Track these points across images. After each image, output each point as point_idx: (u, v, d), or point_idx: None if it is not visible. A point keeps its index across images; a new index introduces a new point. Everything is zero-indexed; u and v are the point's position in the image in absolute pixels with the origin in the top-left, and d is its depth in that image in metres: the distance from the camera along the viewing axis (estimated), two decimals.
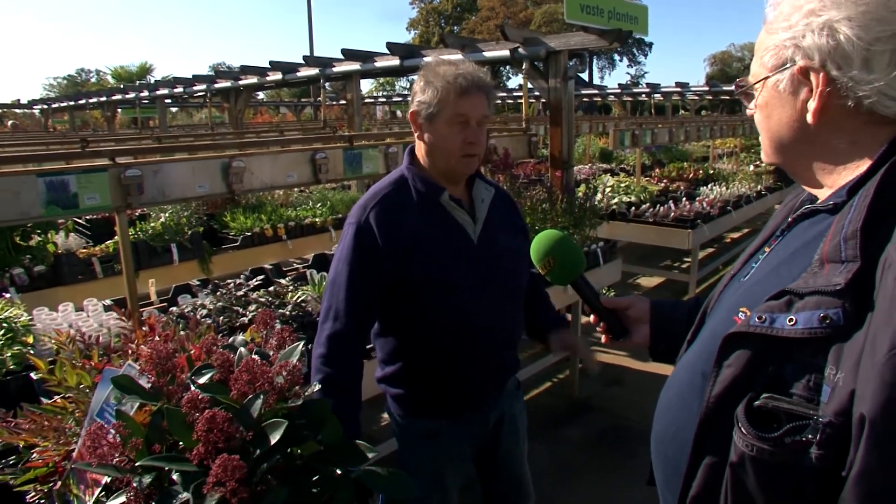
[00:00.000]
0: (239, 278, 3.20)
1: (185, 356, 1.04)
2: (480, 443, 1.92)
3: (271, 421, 0.89)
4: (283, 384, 0.96)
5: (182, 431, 0.88)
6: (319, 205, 5.67)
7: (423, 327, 1.72)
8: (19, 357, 2.36)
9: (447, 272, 1.69)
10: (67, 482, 0.99)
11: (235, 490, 0.79)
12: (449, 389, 1.78)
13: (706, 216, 5.75)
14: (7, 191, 2.22)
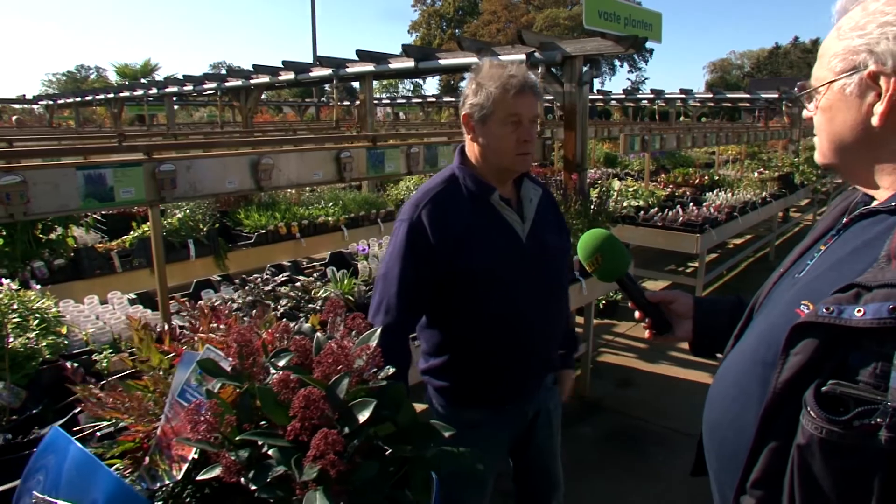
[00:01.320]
0: (265, 273, 3.24)
1: (261, 341, 1.09)
2: (517, 435, 1.97)
3: (360, 400, 0.93)
4: (363, 367, 1.00)
5: (274, 410, 0.92)
6: (331, 204, 5.71)
7: (472, 320, 1.77)
8: (54, 347, 2.39)
9: (496, 267, 1.73)
10: (154, 457, 1.03)
11: (334, 462, 0.83)
12: (492, 382, 1.83)
13: (714, 221, 5.81)
14: (48, 183, 2.26)
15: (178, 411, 1.06)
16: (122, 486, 0.86)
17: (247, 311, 2.55)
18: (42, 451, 0.97)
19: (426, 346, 1.88)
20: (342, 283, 3.28)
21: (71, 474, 0.89)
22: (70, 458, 0.91)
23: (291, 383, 0.92)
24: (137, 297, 3.21)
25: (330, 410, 0.91)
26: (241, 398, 0.98)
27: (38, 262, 3.92)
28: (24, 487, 0.96)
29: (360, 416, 0.92)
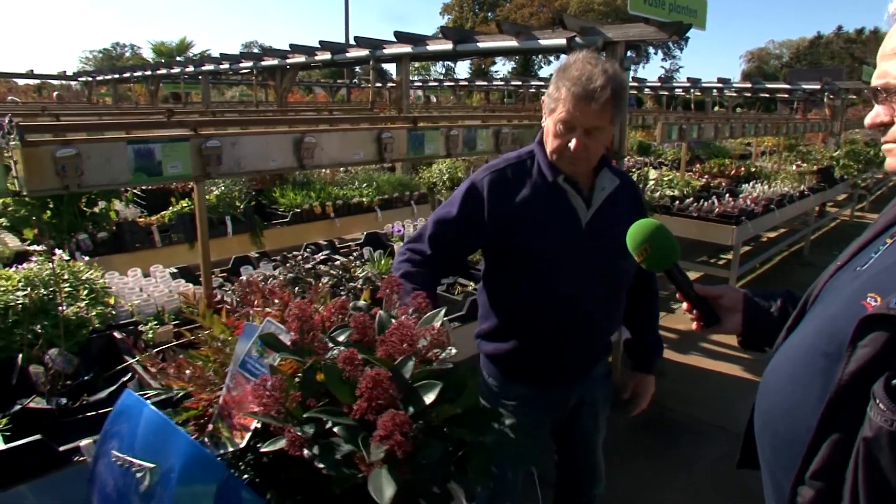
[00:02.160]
0: (305, 251, 3.27)
1: (320, 317, 1.09)
2: (558, 420, 1.98)
3: (426, 382, 0.93)
4: (427, 347, 1.00)
5: (339, 386, 0.93)
6: (365, 185, 5.72)
7: (520, 294, 1.80)
8: (103, 317, 2.44)
9: (549, 248, 1.74)
10: (217, 425, 1.05)
11: (401, 443, 0.83)
12: (533, 359, 1.85)
13: (750, 213, 5.71)
14: (100, 157, 2.29)
15: (239, 382, 1.08)
16: (198, 448, 0.87)
17: (290, 288, 2.57)
18: (117, 414, 1.00)
19: (481, 310, 1.94)
20: (379, 263, 3.29)
21: (147, 437, 0.91)
22: (144, 422, 0.93)
23: (356, 361, 0.93)
24: (178, 270, 3.26)
25: (395, 391, 0.91)
26: (304, 374, 0.99)
27: (82, 234, 3.99)
28: (103, 449, 0.98)
29: (425, 397, 0.92)
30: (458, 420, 1.00)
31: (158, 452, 0.88)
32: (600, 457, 2.15)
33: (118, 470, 0.92)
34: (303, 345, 1.04)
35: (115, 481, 0.94)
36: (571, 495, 2.29)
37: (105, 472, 0.96)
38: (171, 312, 2.72)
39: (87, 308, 2.41)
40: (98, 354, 2.35)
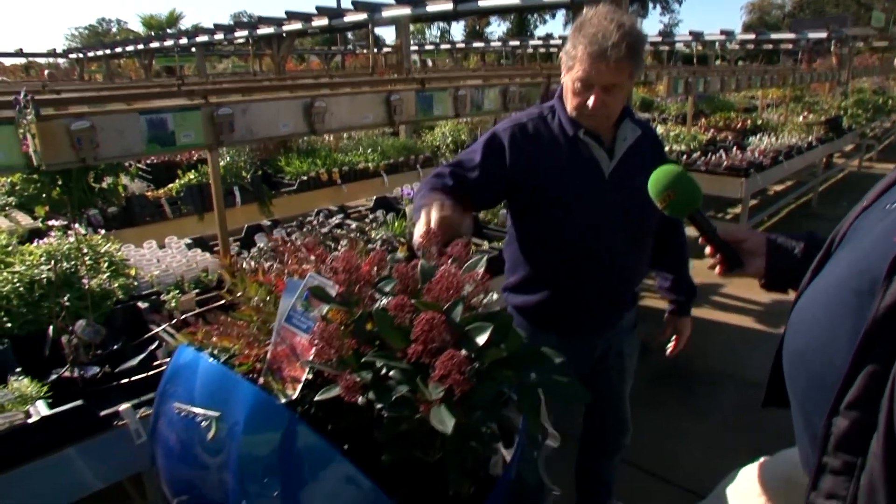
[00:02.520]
0: (319, 216, 3.29)
1: (366, 267, 1.12)
2: (584, 370, 2.02)
3: (477, 324, 0.96)
4: (472, 293, 1.03)
5: (391, 333, 0.96)
6: (370, 150, 5.71)
7: (545, 245, 1.84)
8: (125, 288, 2.48)
9: (573, 199, 1.77)
10: (267, 378, 1.08)
11: (459, 382, 0.87)
12: (560, 309, 1.88)
13: (758, 165, 5.70)
14: (114, 129, 2.30)
15: (286, 336, 1.11)
16: (262, 395, 0.90)
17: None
18: (173, 372, 1.03)
19: (507, 264, 1.97)
20: (393, 225, 3.31)
21: (207, 390, 0.94)
22: (202, 375, 0.96)
23: (407, 307, 0.95)
24: (193, 241, 3.28)
25: (447, 334, 0.94)
26: (355, 322, 1.01)
27: (92, 210, 4.01)
28: (162, 409, 1.01)
29: (478, 339, 0.95)
30: (504, 363, 1.03)
31: (221, 404, 0.91)
32: (628, 407, 2.20)
33: (181, 424, 0.95)
34: (350, 296, 1.06)
35: (177, 435, 0.97)
36: (599, 446, 2.36)
37: (167, 430, 0.99)
38: (190, 281, 2.75)
39: (109, 280, 2.45)
40: (123, 325, 2.39)
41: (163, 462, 1.00)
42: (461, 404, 0.92)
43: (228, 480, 0.87)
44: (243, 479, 0.87)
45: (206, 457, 0.91)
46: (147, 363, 2.12)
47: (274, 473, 0.88)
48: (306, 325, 1.08)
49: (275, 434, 0.88)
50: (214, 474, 0.90)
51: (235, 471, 0.86)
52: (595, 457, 2.45)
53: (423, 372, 0.93)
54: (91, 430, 1.75)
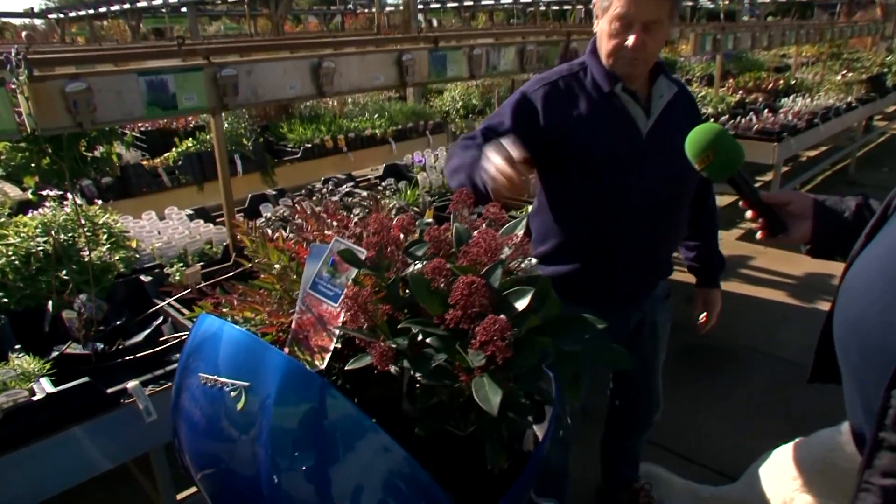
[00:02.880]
0: (329, 184, 3.28)
1: (397, 230, 1.11)
2: (619, 342, 2.01)
3: (516, 289, 0.96)
4: (510, 256, 1.03)
5: (427, 298, 0.96)
6: (377, 116, 5.68)
7: (579, 210, 1.83)
8: (127, 261, 2.48)
9: (610, 159, 1.75)
10: (293, 348, 1.08)
11: (502, 348, 0.86)
12: (594, 277, 1.88)
13: (792, 128, 5.63)
14: (112, 91, 2.28)
15: (311, 303, 1.11)
16: (294, 363, 0.91)
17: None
18: (195, 344, 1.02)
19: (535, 234, 1.96)
20: (406, 193, 3.30)
21: (233, 360, 0.94)
22: (228, 344, 0.96)
23: (444, 271, 0.95)
24: (194, 212, 3.29)
25: (486, 299, 0.93)
26: (388, 288, 1.01)
27: (85, 180, 4.01)
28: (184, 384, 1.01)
29: (517, 304, 0.95)
30: (542, 329, 1.03)
31: (250, 374, 0.91)
32: (660, 381, 2.22)
33: (206, 397, 0.96)
34: (380, 260, 1.06)
35: (202, 410, 0.97)
36: (628, 422, 2.37)
37: (190, 404, 0.99)
38: (194, 254, 2.76)
39: (109, 253, 2.45)
40: (126, 299, 2.40)
41: (186, 437, 1.01)
42: (504, 371, 0.92)
43: (259, 454, 0.87)
44: (274, 452, 0.87)
45: (233, 430, 0.91)
46: (153, 339, 2.13)
47: (306, 446, 0.88)
48: (332, 292, 1.08)
49: (308, 405, 0.89)
50: (243, 448, 0.90)
51: (267, 444, 0.87)
52: (623, 434, 2.47)
53: (461, 339, 0.93)
54: (98, 408, 1.77)
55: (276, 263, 1.22)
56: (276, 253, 1.21)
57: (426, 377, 0.91)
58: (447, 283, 0.96)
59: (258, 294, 1.17)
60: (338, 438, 0.87)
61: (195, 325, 1.05)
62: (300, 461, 0.87)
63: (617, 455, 2.56)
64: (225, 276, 2.49)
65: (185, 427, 1.00)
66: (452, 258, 1.08)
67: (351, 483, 0.89)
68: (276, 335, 1.14)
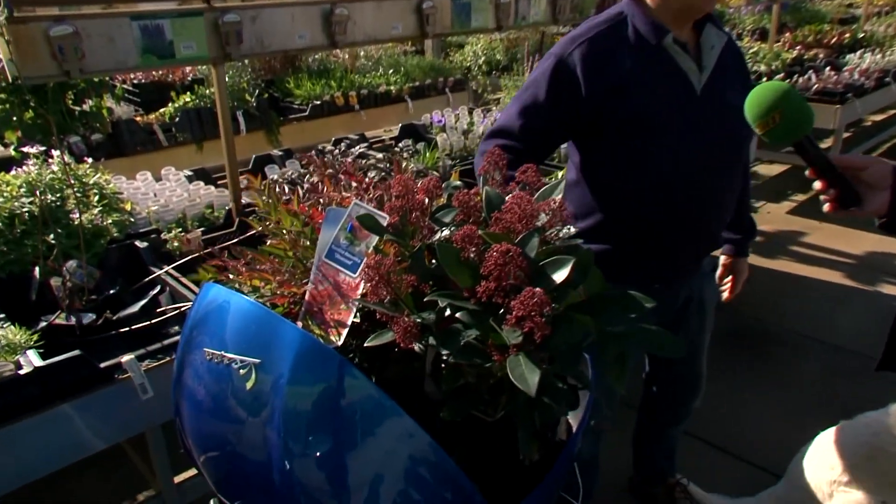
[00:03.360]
0: (341, 145, 3.27)
1: (422, 194, 1.09)
2: (663, 324, 1.99)
3: (555, 259, 0.94)
4: (548, 223, 1.00)
5: (457, 269, 0.94)
6: (392, 71, 5.64)
7: (626, 179, 1.79)
8: (120, 225, 2.49)
9: (662, 120, 1.72)
10: (306, 322, 1.07)
11: (540, 325, 0.85)
12: (643, 254, 1.86)
13: (858, 89, 5.51)
14: (102, 36, 2.27)
15: (327, 273, 1.09)
16: (310, 338, 0.90)
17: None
18: (200, 316, 1.02)
19: (572, 208, 1.92)
20: (424, 155, 3.28)
21: (242, 334, 0.93)
22: (236, 317, 0.95)
23: (476, 239, 0.93)
24: (193, 173, 3.29)
25: (521, 270, 0.91)
26: (413, 257, 1.00)
27: (73, 136, 4.00)
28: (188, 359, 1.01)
29: (555, 276, 0.93)
30: (582, 307, 1.01)
31: (260, 350, 0.90)
32: (704, 362, 2.23)
33: (212, 373, 0.95)
34: (404, 226, 1.04)
35: (206, 388, 0.96)
36: (666, 406, 2.37)
37: (194, 381, 0.99)
38: (193, 218, 2.76)
39: (101, 216, 2.46)
40: (119, 266, 2.42)
41: (189, 417, 1.00)
42: (542, 350, 0.90)
43: (271, 437, 0.87)
44: (287, 435, 0.86)
45: (242, 411, 0.91)
46: (149, 310, 2.14)
47: (322, 429, 0.87)
48: (351, 261, 1.07)
49: (324, 384, 0.87)
50: (253, 430, 0.89)
51: (279, 427, 0.86)
52: (660, 420, 2.47)
53: (494, 314, 0.91)
54: (90, 383, 1.78)
55: (289, 228, 1.20)
56: (288, 216, 1.20)
57: (455, 356, 0.90)
58: (478, 252, 0.94)
59: (268, 261, 1.16)
60: (357, 422, 0.86)
61: (199, 294, 1.04)
62: (315, 446, 0.86)
63: (651, 442, 2.56)
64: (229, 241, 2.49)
65: (187, 406, 1.00)
66: (483, 226, 1.06)
67: (370, 471, 0.88)
68: (288, 307, 1.13)
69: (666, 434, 2.51)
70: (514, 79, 5.29)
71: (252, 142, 4.62)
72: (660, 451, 2.56)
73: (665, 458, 2.56)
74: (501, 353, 0.89)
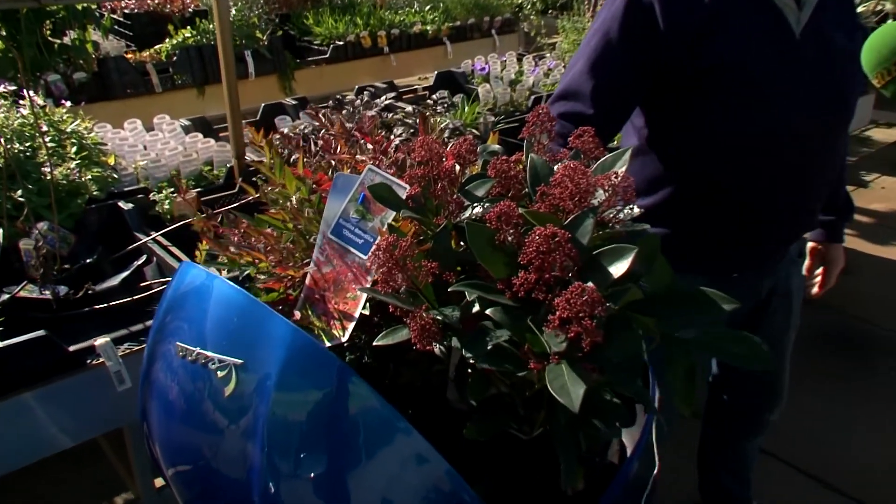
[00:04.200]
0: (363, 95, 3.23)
1: (450, 161, 1.05)
2: (742, 318, 1.98)
3: (613, 247, 0.89)
4: (606, 202, 0.95)
5: (490, 255, 0.89)
6: (429, 8, 5.58)
7: (707, 143, 1.74)
8: (101, 182, 2.48)
9: (754, 68, 1.65)
10: (305, 313, 1.04)
11: (590, 330, 0.80)
12: (721, 236, 1.82)
13: None
14: None
15: (332, 254, 1.06)
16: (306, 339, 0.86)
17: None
18: (176, 298, 1.00)
19: (638, 183, 1.85)
20: (462, 110, 3.23)
21: (224, 326, 0.91)
22: (218, 305, 0.93)
23: (514, 218, 0.89)
24: (191, 123, 3.28)
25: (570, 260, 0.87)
26: (436, 238, 0.95)
27: (52, 75, 4.02)
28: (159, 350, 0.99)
29: (612, 269, 0.88)
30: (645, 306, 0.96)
31: (244, 347, 0.88)
32: (787, 367, 2.19)
33: (185, 371, 0.93)
34: (427, 199, 1.01)
35: (180, 387, 0.94)
36: (738, 417, 2.35)
37: (165, 378, 0.97)
38: (189, 177, 2.75)
39: (79, 170, 2.45)
40: (99, 231, 2.41)
41: (157, 421, 0.98)
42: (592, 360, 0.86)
43: (252, 453, 0.84)
44: (272, 451, 0.84)
45: (219, 418, 0.88)
46: (132, 284, 2.13)
47: (315, 446, 0.85)
48: (362, 239, 1.04)
49: (319, 393, 0.85)
50: (231, 444, 0.87)
51: (263, 441, 0.83)
52: (731, 434, 2.42)
53: (533, 312, 0.87)
54: (57, 369, 1.78)
55: (293, 195, 1.17)
56: (294, 181, 1.16)
57: (482, 361, 0.86)
58: (517, 235, 0.90)
59: (262, 235, 1.13)
60: (357, 440, 0.84)
61: (177, 274, 1.02)
62: (305, 466, 0.84)
63: (720, 460, 2.52)
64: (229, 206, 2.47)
65: (156, 407, 0.98)
66: (525, 202, 1.03)
67: (371, 499, 0.86)
68: (284, 293, 1.10)
69: (738, 451, 2.46)
70: (573, 20, 5.17)
71: (263, 87, 4.63)
72: (730, 471, 2.51)
73: (737, 482, 2.51)
74: (540, 360, 0.85)
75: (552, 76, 4.13)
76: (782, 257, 1.95)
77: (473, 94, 3.61)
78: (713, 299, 0.95)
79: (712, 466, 2.54)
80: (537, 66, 4.24)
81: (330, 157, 1.22)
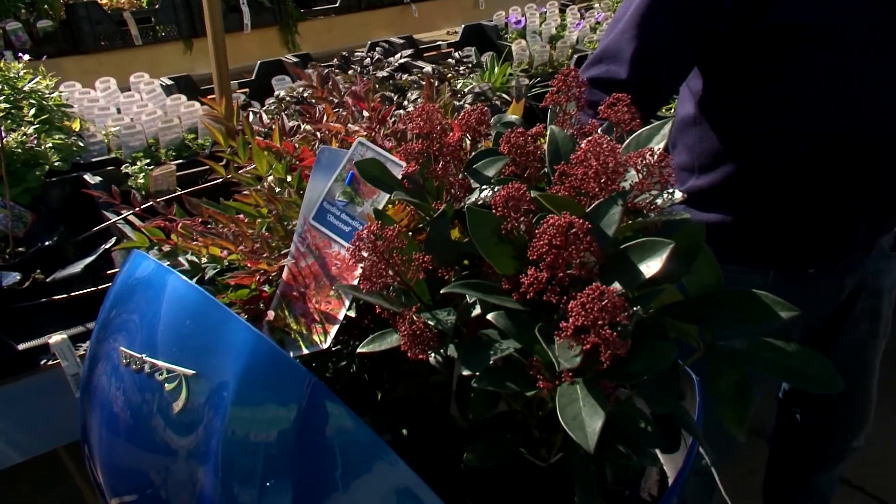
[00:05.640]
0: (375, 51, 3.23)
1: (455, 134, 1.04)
2: (818, 322, 1.98)
3: (643, 240, 0.87)
4: (638, 186, 0.93)
5: (493, 247, 0.88)
6: None
7: (777, 115, 1.72)
8: (65, 151, 2.49)
9: (834, 26, 1.62)
10: (280, 313, 1.04)
11: (610, 341, 0.78)
12: (795, 223, 1.81)
13: None
14: None
15: (314, 243, 1.07)
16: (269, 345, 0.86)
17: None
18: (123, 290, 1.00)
19: (687, 157, 1.89)
20: (492, 71, 3.22)
21: (177, 328, 0.90)
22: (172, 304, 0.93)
23: (525, 203, 0.87)
24: (174, 82, 3.29)
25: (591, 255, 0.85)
26: (432, 227, 0.94)
27: (12, 22, 4.03)
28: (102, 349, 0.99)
29: (643, 266, 0.86)
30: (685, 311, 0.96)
31: (198, 354, 0.88)
32: (875, 382, 2.16)
33: (131, 379, 0.93)
34: (426, 179, 1.00)
35: (125, 397, 0.94)
36: (815, 442, 2.33)
37: (108, 386, 0.97)
38: (169, 146, 2.75)
39: (38, 136, 2.46)
40: (62, 209, 2.42)
41: (99, 441, 0.98)
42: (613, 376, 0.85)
43: (204, 479, 0.84)
44: (229, 477, 0.83)
45: (169, 436, 0.88)
46: (96, 271, 2.14)
47: (279, 473, 0.84)
48: (349, 226, 1.04)
49: (285, 410, 0.84)
50: (182, 466, 0.87)
51: (216, 463, 0.83)
52: (804, 465, 2.41)
53: (545, 318, 0.87)
54: (4, 371, 1.79)
55: (267, 175, 1.17)
56: (264, 159, 1.16)
57: (482, 381, 0.85)
58: (528, 224, 0.89)
59: (234, 222, 1.12)
60: (332, 468, 0.84)
61: (126, 264, 1.02)
62: (268, 497, 0.84)
63: (791, 493, 2.51)
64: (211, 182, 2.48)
65: (97, 423, 0.98)
66: (544, 184, 1.02)
67: None
68: (257, 290, 1.10)
69: (813, 483, 2.44)
70: None
71: (261, 41, 4.65)
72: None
73: None
74: (550, 377, 0.83)
75: (600, 31, 4.09)
76: (871, 250, 1.93)
77: (505, 52, 3.59)
78: (768, 304, 0.93)
79: (782, 500, 2.54)
80: (583, 18, 4.21)
81: (315, 126, 1.21)
